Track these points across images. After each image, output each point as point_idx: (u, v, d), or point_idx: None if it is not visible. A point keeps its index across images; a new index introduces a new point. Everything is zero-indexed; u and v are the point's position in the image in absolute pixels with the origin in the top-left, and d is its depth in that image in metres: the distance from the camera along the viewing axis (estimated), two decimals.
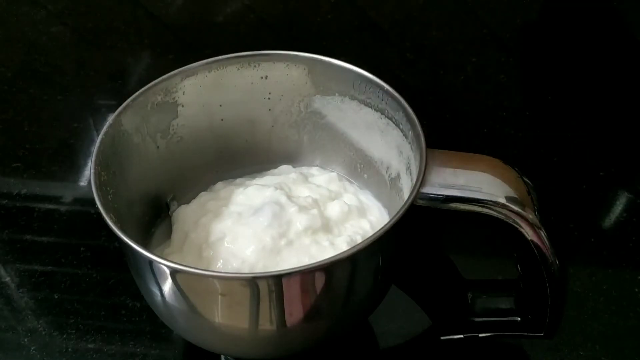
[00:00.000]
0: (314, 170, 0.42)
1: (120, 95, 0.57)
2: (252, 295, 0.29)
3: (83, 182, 0.51)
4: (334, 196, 0.39)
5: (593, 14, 0.65)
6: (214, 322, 0.31)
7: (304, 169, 0.42)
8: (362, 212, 0.39)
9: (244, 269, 0.34)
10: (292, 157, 0.42)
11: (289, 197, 0.37)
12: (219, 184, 0.41)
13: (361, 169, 0.41)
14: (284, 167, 0.42)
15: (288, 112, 0.41)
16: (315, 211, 0.36)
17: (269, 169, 0.42)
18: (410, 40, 0.64)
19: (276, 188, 0.38)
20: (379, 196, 0.40)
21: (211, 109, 0.39)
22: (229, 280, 0.29)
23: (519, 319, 0.36)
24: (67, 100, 0.59)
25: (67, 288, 0.43)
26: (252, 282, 0.28)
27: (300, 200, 0.37)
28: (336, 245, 0.35)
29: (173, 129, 0.39)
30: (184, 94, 0.38)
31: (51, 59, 0.64)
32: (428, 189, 0.31)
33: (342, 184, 0.41)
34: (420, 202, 0.31)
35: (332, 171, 0.42)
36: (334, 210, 0.37)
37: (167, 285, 0.30)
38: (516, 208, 0.31)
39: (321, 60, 0.38)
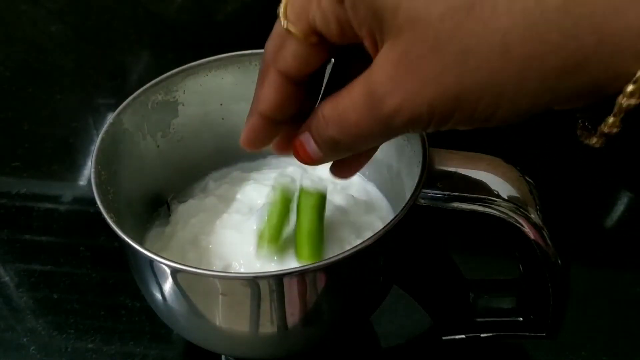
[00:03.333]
0: None
1: (120, 94, 0.57)
2: (253, 295, 0.29)
3: (82, 182, 0.51)
4: (340, 189, 0.39)
5: None
6: (214, 322, 0.31)
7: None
8: (370, 206, 0.38)
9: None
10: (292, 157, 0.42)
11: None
12: (217, 182, 0.41)
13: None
14: (277, 159, 0.42)
15: None
16: None
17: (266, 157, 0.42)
18: None
19: (274, 188, 0.38)
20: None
21: (212, 108, 0.39)
22: (229, 280, 0.29)
23: (521, 319, 0.36)
24: (66, 99, 0.58)
25: (67, 288, 0.43)
26: (253, 282, 0.28)
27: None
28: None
29: (173, 128, 0.39)
30: (184, 92, 0.38)
31: (51, 58, 0.64)
32: (430, 189, 0.31)
33: None
34: (422, 202, 0.31)
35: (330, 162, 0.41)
36: (340, 204, 0.37)
37: (168, 285, 0.30)
38: (518, 207, 0.31)
39: None
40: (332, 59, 0.26)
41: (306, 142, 0.25)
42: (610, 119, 0.21)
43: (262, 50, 0.38)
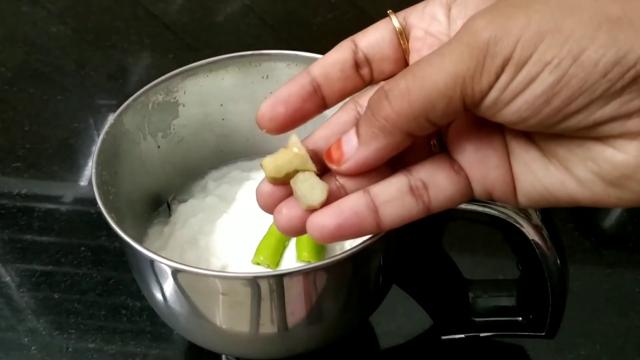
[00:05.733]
0: None
1: (120, 95, 0.57)
2: (254, 294, 0.29)
3: (83, 182, 0.51)
4: None
5: None
6: (215, 322, 0.31)
7: None
8: None
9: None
10: None
11: None
12: (216, 182, 0.41)
13: None
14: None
15: None
16: None
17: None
18: None
19: None
20: None
21: (212, 108, 0.39)
22: (230, 279, 0.29)
23: (520, 318, 0.36)
24: (67, 100, 0.58)
25: (68, 288, 0.43)
26: (254, 281, 0.28)
27: None
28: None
29: (174, 129, 0.39)
30: (185, 93, 0.38)
31: (51, 59, 0.64)
32: None
33: None
34: None
35: None
36: None
37: (169, 285, 0.30)
38: (517, 207, 0.31)
39: None
40: None
41: (346, 139, 0.23)
42: None
43: (262, 52, 0.39)
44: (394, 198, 0.23)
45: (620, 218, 0.47)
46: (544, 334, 0.34)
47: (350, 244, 0.35)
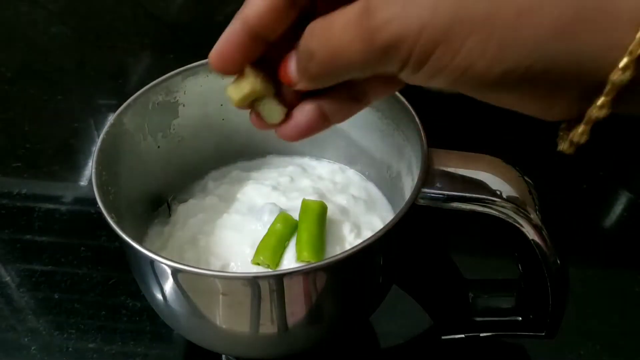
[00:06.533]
0: (307, 159, 0.42)
1: (120, 95, 0.57)
2: (253, 294, 0.29)
3: (83, 182, 0.51)
4: (340, 188, 0.39)
5: None
6: (215, 322, 0.31)
7: (297, 159, 0.42)
8: (370, 205, 0.38)
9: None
10: (292, 156, 0.42)
11: (288, 199, 0.37)
12: (216, 182, 0.41)
13: (362, 167, 0.41)
14: (277, 158, 0.42)
15: None
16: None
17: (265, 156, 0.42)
18: None
19: (274, 187, 0.38)
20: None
21: (212, 108, 0.39)
22: (230, 279, 0.29)
23: (520, 318, 0.36)
24: (67, 100, 0.59)
25: (68, 288, 0.43)
26: (254, 281, 0.28)
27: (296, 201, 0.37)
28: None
29: (174, 129, 0.39)
30: (185, 93, 0.38)
31: (51, 59, 0.64)
32: (429, 189, 0.31)
33: (346, 175, 0.41)
34: (422, 202, 0.31)
35: (330, 161, 0.42)
36: (341, 203, 0.37)
37: (169, 285, 0.30)
38: (517, 207, 0.31)
39: None
40: None
41: (289, 58, 0.25)
42: (581, 127, 0.21)
43: None
44: (341, 108, 0.26)
45: (620, 218, 0.47)
46: (544, 334, 0.34)
47: (350, 244, 0.35)
